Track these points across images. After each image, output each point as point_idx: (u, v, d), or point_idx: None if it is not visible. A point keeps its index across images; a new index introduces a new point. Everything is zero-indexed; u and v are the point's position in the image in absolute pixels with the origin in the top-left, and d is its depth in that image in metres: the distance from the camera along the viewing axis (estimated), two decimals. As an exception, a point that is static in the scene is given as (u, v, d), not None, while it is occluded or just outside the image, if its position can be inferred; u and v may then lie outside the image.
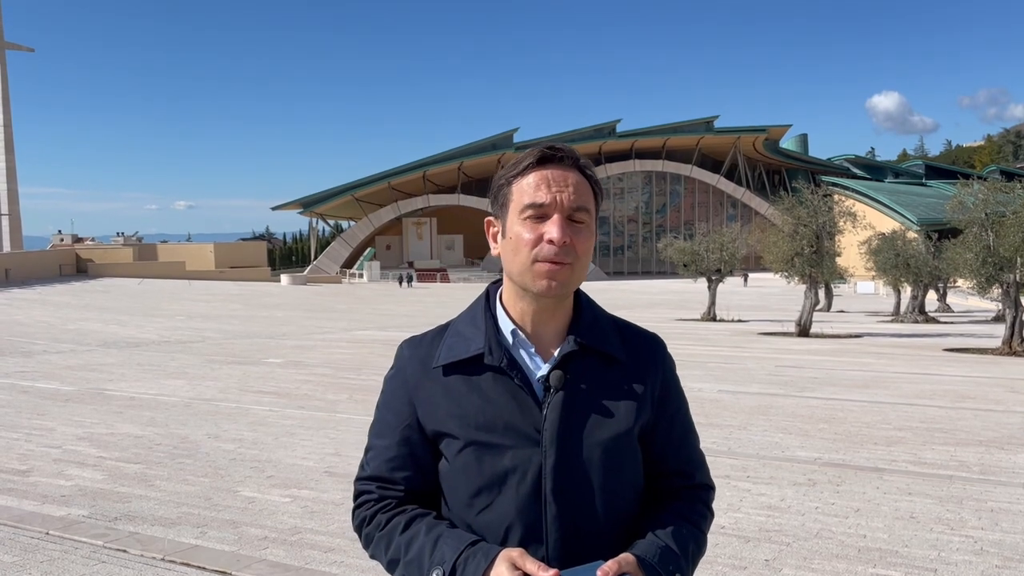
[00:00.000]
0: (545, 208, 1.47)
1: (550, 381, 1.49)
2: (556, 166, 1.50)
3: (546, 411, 1.47)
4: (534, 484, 1.45)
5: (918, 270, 31.93)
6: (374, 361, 15.72)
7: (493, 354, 1.50)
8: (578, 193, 1.49)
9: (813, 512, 5.73)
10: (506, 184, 1.53)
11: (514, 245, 1.49)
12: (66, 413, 9.64)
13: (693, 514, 1.58)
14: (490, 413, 1.48)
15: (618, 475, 1.51)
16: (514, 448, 1.46)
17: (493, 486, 1.47)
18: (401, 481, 1.55)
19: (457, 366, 1.52)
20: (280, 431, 8.60)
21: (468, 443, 1.48)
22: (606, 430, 1.50)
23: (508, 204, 1.52)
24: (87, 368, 14.32)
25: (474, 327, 1.56)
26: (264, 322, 28.02)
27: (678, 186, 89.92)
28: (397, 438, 1.56)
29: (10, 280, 55.44)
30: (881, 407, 10.51)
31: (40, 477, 6.55)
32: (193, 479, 6.53)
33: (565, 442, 1.47)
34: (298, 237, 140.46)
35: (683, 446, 1.63)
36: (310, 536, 5.12)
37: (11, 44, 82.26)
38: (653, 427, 1.57)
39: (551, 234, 1.45)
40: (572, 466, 1.47)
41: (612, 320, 1.62)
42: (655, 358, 1.61)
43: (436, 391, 1.53)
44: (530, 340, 1.54)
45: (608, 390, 1.52)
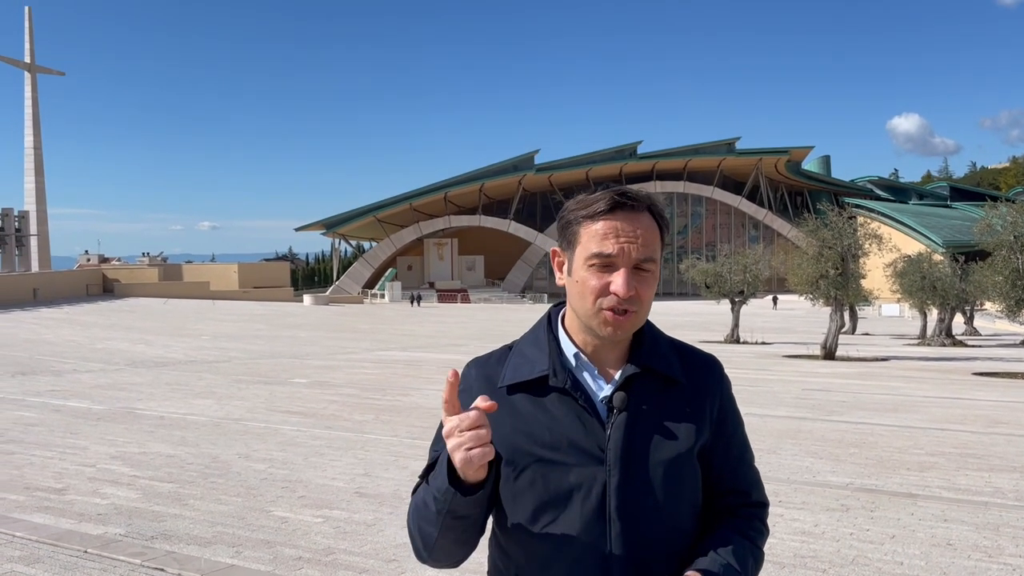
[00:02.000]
0: (612, 259, 1.50)
1: (613, 402, 1.53)
2: (627, 213, 1.53)
3: (610, 431, 1.52)
4: (599, 501, 1.50)
5: (945, 293, 31.60)
6: (398, 382, 15.78)
7: (558, 376, 1.55)
8: (646, 244, 1.52)
9: (848, 538, 5.68)
10: (576, 223, 1.55)
11: (580, 289, 1.54)
12: (98, 432, 9.76)
13: (751, 531, 1.63)
14: (556, 432, 1.52)
15: (679, 493, 1.56)
16: (579, 466, 1.51)
17: (558, 502, 1.51)
18: None
19: (522, 386, 1.57)
20: (309, 451, 8.65)
21: (534, 460, 1.53)
22: (668, 450, 1.54)
23: (576, 244, 1.55)
24: (116, 387, 14.48)
25: (538, 349, 1.61)
26: (288, 342, 28.21)
27: (699, 207, 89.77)
28: None
29: (38, 299, 56.28)
30: (912, 432, 10.40)
31: (76, 495, 6.63)
32: (226, 498, 6.59)
33: (629, 461, 1.51)
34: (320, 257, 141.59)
35: (740, 465, 1.68)
36: (344, 557, 5.14)
37: (42, 68, 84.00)
38: (712, 447, 1.62)
39: (617, 287, 1.50)
40: (636, 484, 1.52)
41: (671, 342, 1.67)
42: (713, 379, 1.65)
43: (502, 409, 1.55)
44: (592, 363, 1.58)
45: (669, 411, 1.57)
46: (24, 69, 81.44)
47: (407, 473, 7.61)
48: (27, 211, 78.55)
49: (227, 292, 71.91)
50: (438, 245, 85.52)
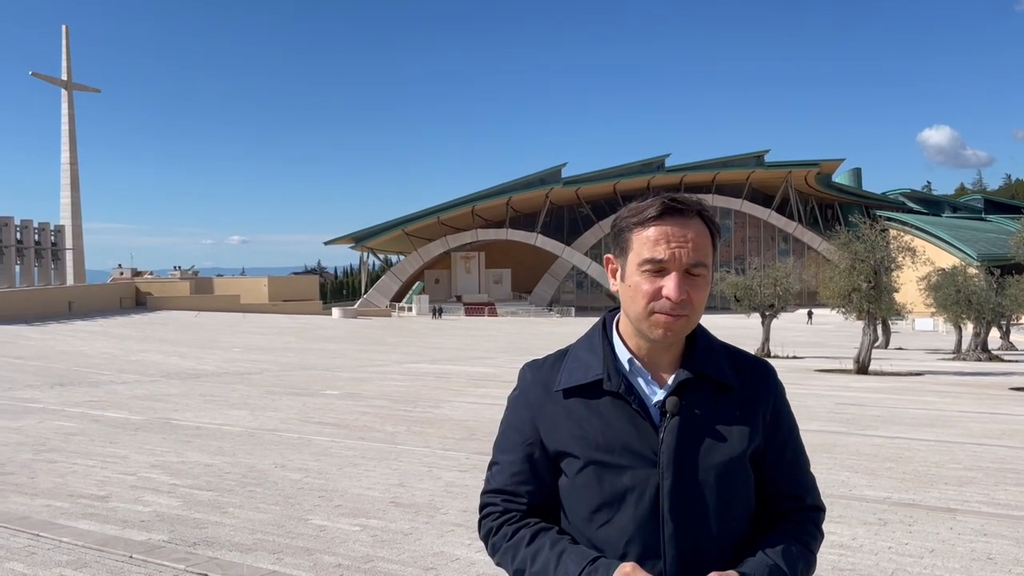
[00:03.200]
0: (664, 264, 1.53)
1: (666, 407, 1.57)
2: (677, 219, 1.55)
3: (663, 435, 1.55)
4: (652, 503, 1.54)
5: (980, 307, 31.10)
6: (428, 394, 15.87)
7: (612, 380, 1.59)
8: (696, 248, 1.54)
9: (886, 552, 5.63)
10: (627, 230, 1.59)
11: (632, 293, 1.57)
12: (137, 442, 9.93)
13: (803, 534, 1.64)
14: (610, 435, 1.57)
15: (731, 497, 1.58)
16: (632, 469, 1.55)
17: (613, 503, 1.55)
18: (524, 494, 1.65)
19: (577, 390, 1.61)
20: (343, 461, 8.74)
21: (589, 462, 1.57)
22: (720, 454, 1.57)
23: (628, 251, 1.58)
24: (152, 398, 14.72)
25: (592, 354, 1.65)
26: (318, 354, 28.45)
27: (728, 220, 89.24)
28: (521, 455, 1.66)
29: (73, 312, 57.33)
30: (949, 446, 10.26)
31: (119, 503, 6.77)
32: (264, 507, 6.68)
33: (681, 465, 1.55)
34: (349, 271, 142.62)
35: (794, 469, 1.69)
36: (383, 564, 5.20)
37: (78, 85, 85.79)
38: (764, 451, 1.64)
39: (668, 291, 1.52)
40: (688, 487, 1.55)
41: (724, 348, 1.69)
42: (766, 385, 1.67)
43: (558, 413, 1.62)
44: (646, 368, 1.62)
45: (721, 416, 1.60)
46: (61, 86, 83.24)
47: (441, 484, 7.67)
48: (63, 225, 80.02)
49: (257, 305, 72.71)
50: (465, 258, 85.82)
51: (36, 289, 62.48)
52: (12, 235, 66.84)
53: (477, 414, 12.89)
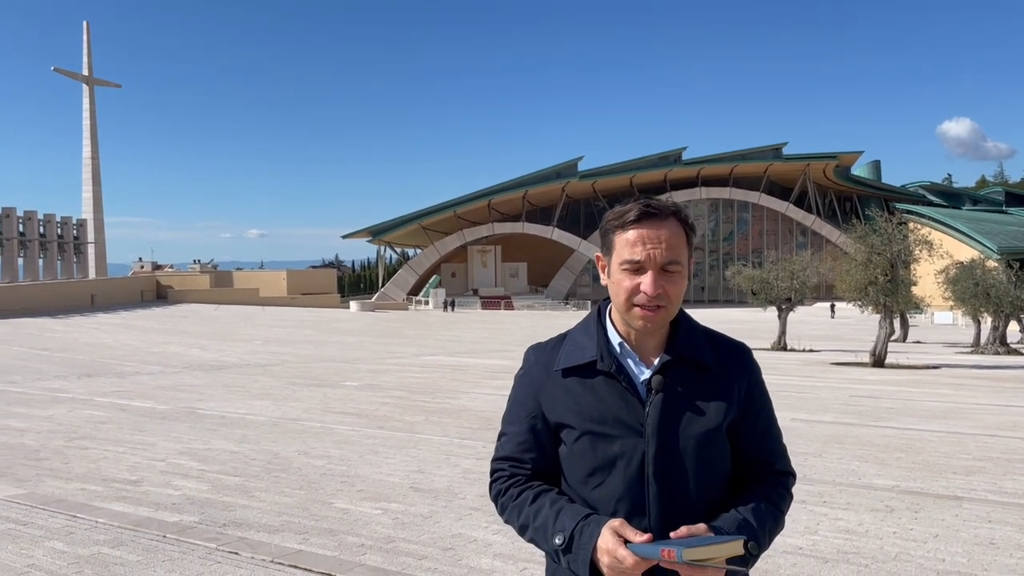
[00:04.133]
0: (641, 264, 1.76)
1: (652, 384, 1.79)
2: (653, 222, 1.78)
3: (648, 409, 1.78)
4: (638, 468, 1.76)
5: (999, 300, 30.95)
6: (446, 385, 16.11)
7: (604, 361, 1.82)
8: (670, 248, 1.77)
9: (891, 536, 5.80)
10: (611, 232, 1.83)
11: (616, 289, 1.81)
12: (164, 430, 10.24)
13: (773, 495, 1.87)
14: (602, 409, 1.79)
15: (708, 462, 1.80)
16: (622, 438, 1.77)
17: (605, 468, 1.78)
18: (528, 461, 1.88)
19: (574, 370, 1.84)
20: (364, 449, 8.99)
21: (584, 432, 1.80)
22: (698, 425, 1.79)
23: (612, 251, 1.82)
24: (177, 389, 15.06)
25: (588, 338, 1.88)
26: (337, 347, 28.80)
27: (746, 213, 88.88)
28: (525, 426, 1.89)
29: (96, 305, 58.12)
30: (960, 437, 10.37)
31: (150, 487, 7.05)
32: (289, 491, 6.94)
33: (664, 435, 1.77)
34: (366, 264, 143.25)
35: (766, 439, 1.92)
36: (404, 545, 5.43)
37: (99, 80, 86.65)
38: (740, 423, 1.86)
39: (645, 286, 1.76)
40: (670, 454, 1.77)
41: (705, 332, 1.92)
42: (740, 364, 1.91)
43: (557, 390, 1.85)
44: (634, 350, 1.84)
45: (700, 392, 1.82)
46: (82, 82, 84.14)
47: (459, 470, 7.90)
48: (84, 219, 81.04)
49: (276, 299, 73.27)
50: (482, 252, 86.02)
51: (59, 282, 63.38)
52: (35, 229, 67.82)
53: (494, 404, 13.12)
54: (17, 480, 7.32)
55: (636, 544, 1.61)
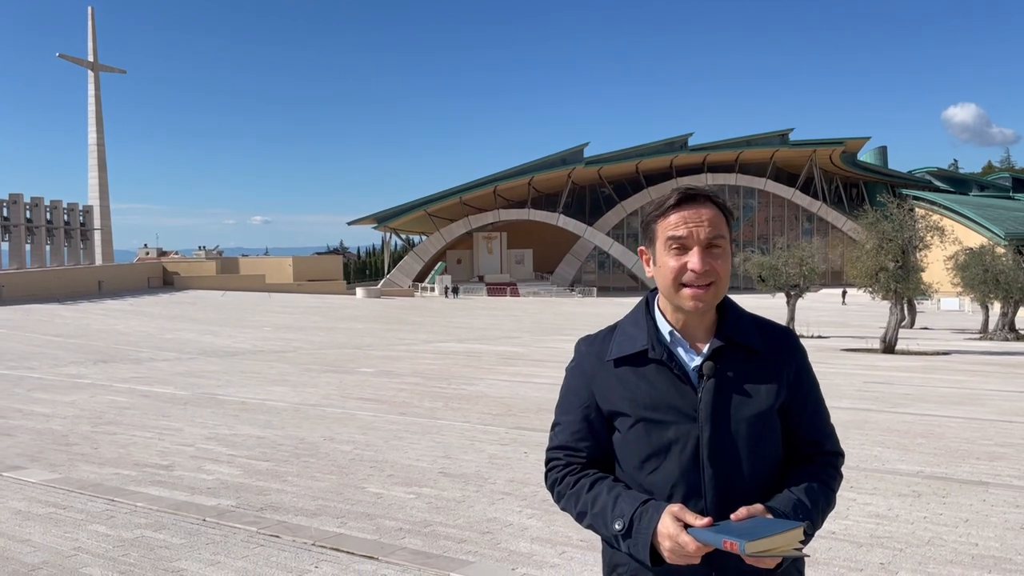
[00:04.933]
0: (685, 241, 1.81)
1: (703, 370, 1.83)
2: (692, 204, 1.84)
3: (701, 394, 1.82)
4: (693, 452, 1.80)
5: (1008, 286, 30.92)
6: (460, 372, 16.18)
7: (655, 350, 1.86)
8: (712, 225, 1.82)
9: (922, 521, 5.85)
10: (653, 222, 1.88)
11: (663, 272, 1.85)
12: (188, 415, 10.32)
13: (823, 475, 1.91)
14: (655, 396, 1.84)
15: (760, 445, 1.84)
16: (676, 424, 1.82)
17: (660, 454, 1.82)
18: (583, 449, 1.93)
19: (626, 359, 1.89)
20: (388, 435, 9.06)
21: (638, 420, 1.85)
22: (750, 409, 1.83)
23: (655, 239, 1.87)
24: (194, 375, 15.15)
25: (638, 328, 1.92)
26: (347, 333, 28.89)
27: (752, 200, 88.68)
28: (579, 415, 1.94)
29: (103, 291, 58.25)
30: (980, 423, 10.42)
31: (183, 472, 7.12)
32: (321, 476, 7.01)
33: (717, 419, 1.81)
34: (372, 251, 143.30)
35: (815, 420, 1.96)
36: (441, 528, 5.50)
37: (104, 66, 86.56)
38: (789, 404, 1.90)
39: (693, 264, 1.80)
40: (723, 438, 1.81)
41: (752, 318, 1.96)
42: (789, 348, 1.94)
43: (610, 379, 1.90)
44: (684, 338, 1.89)
45: (750, 376, 1.86)
46: (87, 68, 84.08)
47: (485, 456, 7.97)
48: (91, 206, 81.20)
49: (282, 285, 73.38)
50: (487, 239, 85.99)
51: (67, 269, 63.54)
52: (42, 215, 67.97)
53: (511, 391, 13.19)
54: (51, 465, 7.40)
55: (697, 529, 1.64)
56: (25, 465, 7.39)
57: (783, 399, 1.87)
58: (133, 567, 4.67)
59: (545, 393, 12.71)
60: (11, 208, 64.53)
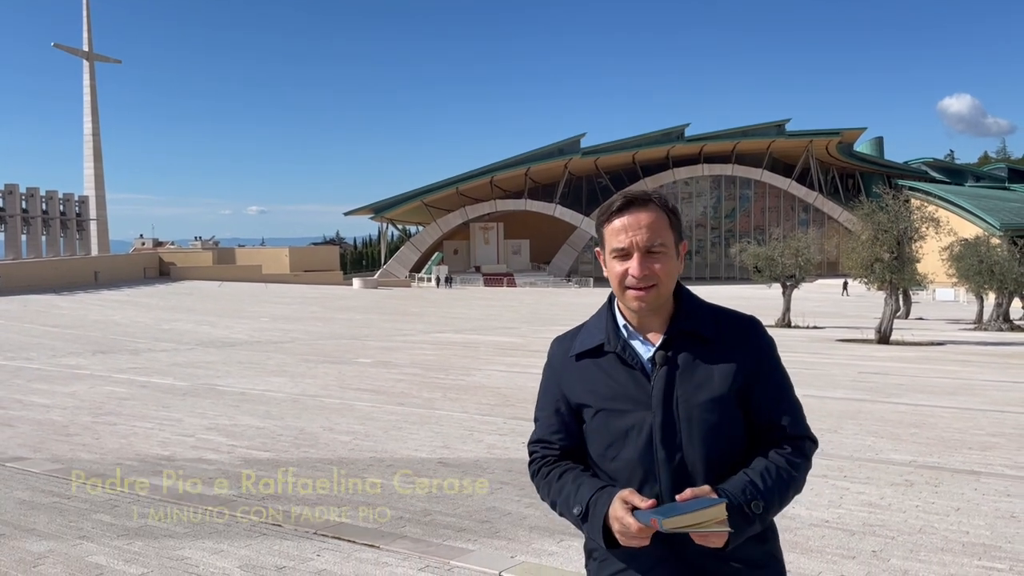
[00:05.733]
0: (626, 250, 1.92)
1: (656, 359, 1.94)
2: (633, 210, 1.93)
3: (653, 382, 1.92)
4: (648, 438, 1.90)
5: (1003, 276, 31.08)
6: (458, 362, 16.26)
7: (611, 343, 1.99)
8: (652, 231, 1.92)
9: (914, 510, 5.95)
10: (600, 226, 2.00)
11: (610, 276, 1.99)
12: (187, 406, 10.39)
13: (785, 458, 1.91)
14: (613, 387, 1.96)
15: (715, 429, 1.90)
16: (632, 412, 1.93)
17: (618, 440, 1.94)
18: (556, 441, 2.06)
19: (587, 354, 2.02)
20: (387, 425, 9.14)
21: (599, 410, 1.97)
22: (702, 394, 1.90)
23: (603, 242, 1.99)
24: (193, 365, 15.21)
25: (598, 325, 2.05)
26: (344, 324, 28.95)
27: (748, 190, 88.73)
28: (551, 410, 2.08)
29: (99, 282, 58.18)
30: (972, 413, 10.53)
31: (184, 461, 7.20)
32: (321, 465, 7.09)
33: (667, 405, 1.90)
34: (368, 241, 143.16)
35: (780, 404, 1.98)
36: (440, 517, 5.58)
37: (100, 56, 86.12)
38: (749, 390, 1.94)
39: (632, 270, 1.92)
40: (674, 423, 1.90)
41: (710, 308, 2.02)
42: (747, 336, 1.99)
43: (574, 373, 2.03)
44: (639, 331, 1.99)
45: (702, 364, 1.93)
46: (82, 58, 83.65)
47: (483, 446, 8.05)
48: (87, 196, 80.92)
49: (279, 275, 73.37)
50: (484, 229, 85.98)
51: (63, 259, 63.45)
52: (38, 206, 67.76)
53: (509, 381, 13.27)
54: (52, 455, 7.47)
55: (638, 511, 1.77)
56: (27, 455, 7.45)
57: (739, 385, 1.92)
58: (138, 555, 4.74)
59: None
60: (7, 199, 64.33)
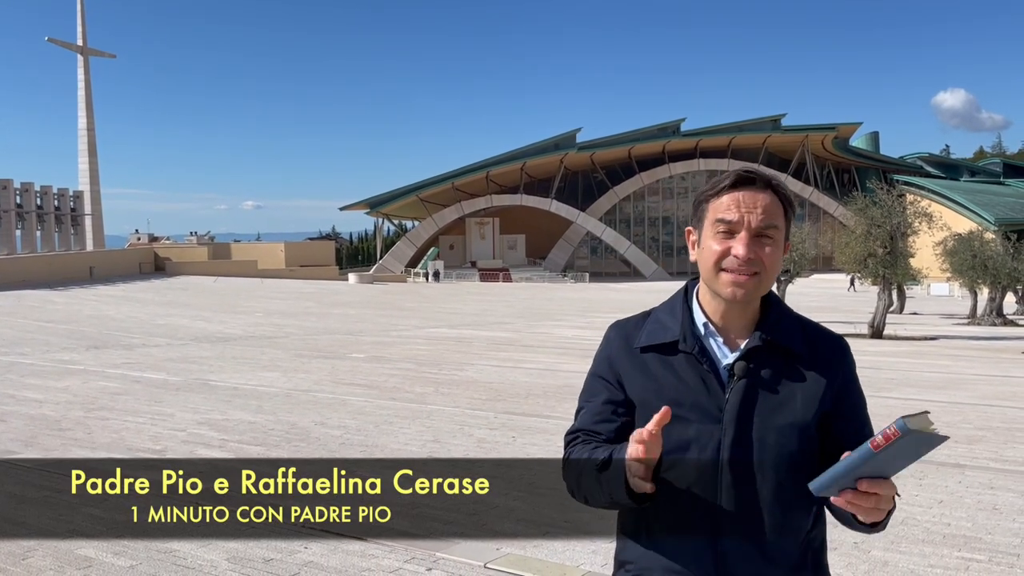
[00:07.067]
0: (733, 225, 1.70)
1: (735, 370, 1.72)
2: (749, 188, 1.72)
3: (728, 395, 1.71)
4: (713, 454, 1.69)
5: (996, 271, 31.20)
6: (451, 357, 16.31)
7: (687, 341, 1.75)
8: (767, 213, 1.71)
9: (897, 502, 6.00)
10: (704, 201, 1.77)
11: (706, 255, 1.74)
12: (180, 401, 10.43)
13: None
14: (681, 390, 1.73)
15: (789, 456, 1.70)
16: (698, 422, 1.71)
17: (678, 451, 1.69)
18: (603, 432, 1.80)
19: (656, 348, 1.78)
20: (379, 420, 9.19)
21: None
22: (782, 417, 1.70)
23: (704, 219, 1.76)
24: (186, 360, 15.24)
25: (672, 317, 1.81)
26: (339, 319, 28.98)
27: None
28: (602, 399, 1.83)
29: (94, 277, 58.11)
30: (961, 407, 10.61)
31: (175, 456, 7.24)
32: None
33: (742, 423, 1.70)
34: (364, 236, 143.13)
35: (859, 438, 1.77)
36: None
37: (93, 51, 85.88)
38: (832, 419, 1.75)
39: (737, 249, 1.69)
40: (746, 443, 1.69)
41: (798, 319, 1.82)
42: (836, 357, 1.80)
43: (636, 366, 1.79)
44: (720, 332, 1.77)
45: (787, 382, 1.72)
46: (77, 52, 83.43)
47: (473, 440, 8.11)
48: (81, 191, 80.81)
49: (274, 271, 73.27)
50: (480, 224, 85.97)
51: (58, 254, 63.37)
52: (33, 201, 67.70)
53: (501, 376, 13.33)
54: (44, 449, 7.51)
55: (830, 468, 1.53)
56: (19, 450, 7.49)
57: (823, 411, 1.73)
58: (127, 548, 4.79)
59: (534, 379, 12.86)
60: (1, 194, 64.24)
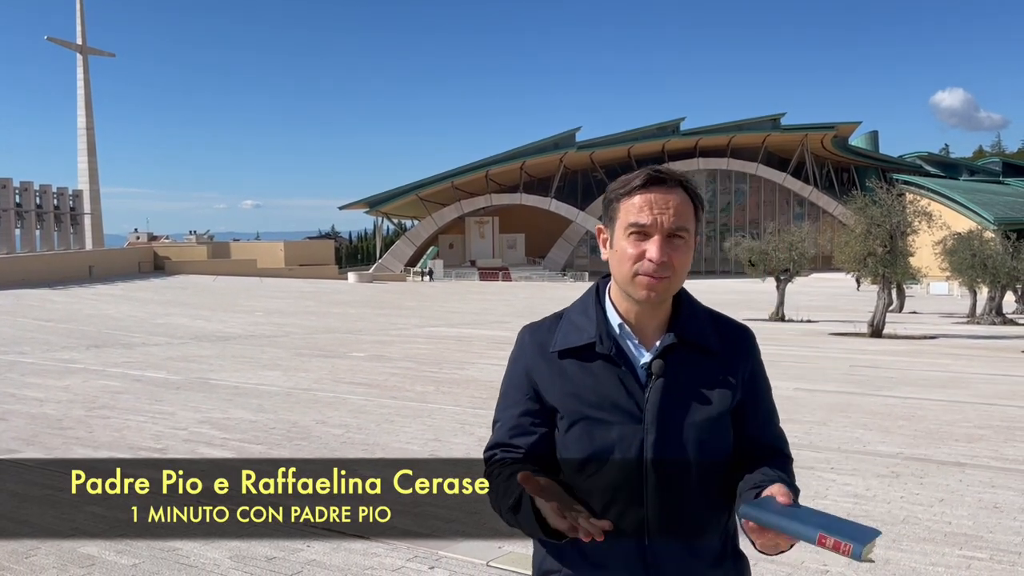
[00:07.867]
0: (646, 228, 1.69)
1: (652, 369, 1.72)
2: (660, 188, 1.70)
3: (648, 394, 1.71)
4: (637, 455, 1.69)
5: (995, 270, 31.22)
6: (452, 356, 16.33)
7: (603, 343, 1.74)
8: (678, 214, 1.70)
9: (898, 501, 6.02)
10: (615, 200, 1.75)
11: (619, 257, 1.73)
12: (180, 400, 10.43)
13: (784, 472, 1.77)
14: (600, 393, 1.72)
15: (710, 450, 1.73)
16: (620, 424, 1.70)
17: (601, 455, 1.70)
18: (521, 445, 1.77)
19: (571, 352, 1.76)
20: (380, 419, 9.20)
21: (581, 418, 1.73)
22: (700, 413, 1.72)
23: (616, 219, 1.74)
24: (186, 359, 15.24)
25: (586, 318, 1.79)
26: (339, 318, 28.97)
27: (743, 185, 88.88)
28: (519, 410, 1.80)
29: (93, 276, 58.09)
30: (961, 406, 10.62)
31: (177, 455, 7.25)
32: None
33: (664, 421, 1.70)
34: (363, 236, 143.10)
35: (768, 425, 1.86)
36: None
37: (93, 50, 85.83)
38: (743, 408, 1.79)
39: (651, 253, 1.68)
40: (669, 442, 1.70)
41: (708, 313, 1.84)
42: (744, 347, 1.83)
43: (553, 372, 1.77)
44: (634, 332, 1.76)
45: (703, 377, 1.75)
46: (76, 51, 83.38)
47: (474, 439, 8.11)
48: (80, 190, 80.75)
49: (274, 270, 73.25)
50: (479, 223, 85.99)
51: (57, 253, 63.35)
52: (32, 200, 67.66)
53: (501, 375, 13.30)
54: (45, 448, 7.51)
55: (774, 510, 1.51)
56: (20, 449, 7.50)
57: (736, 402, 1.76)
58: (130, 547, 4.80)
59: (535, 377, 12.86)
60: (0, 193, 64.20)
